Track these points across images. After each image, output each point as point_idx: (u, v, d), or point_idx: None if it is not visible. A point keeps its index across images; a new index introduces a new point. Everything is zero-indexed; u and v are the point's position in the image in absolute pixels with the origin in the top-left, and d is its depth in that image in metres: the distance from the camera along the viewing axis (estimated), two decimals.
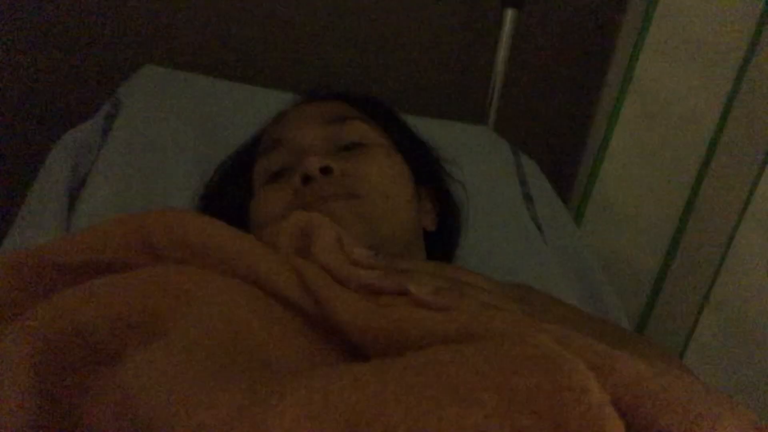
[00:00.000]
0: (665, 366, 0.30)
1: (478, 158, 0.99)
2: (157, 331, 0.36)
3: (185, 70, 0.99)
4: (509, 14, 1.02)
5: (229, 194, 0.70)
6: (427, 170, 0.69)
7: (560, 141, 1.20)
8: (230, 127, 0.88)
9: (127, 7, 1.01)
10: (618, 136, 1.10)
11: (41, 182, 0.76)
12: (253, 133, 0.74)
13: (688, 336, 1.01)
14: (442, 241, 0.70)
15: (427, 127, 0.90)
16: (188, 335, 0.34)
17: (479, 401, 0.25)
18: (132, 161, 0.82)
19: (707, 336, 0.98)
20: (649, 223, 1.11)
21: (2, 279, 0.44)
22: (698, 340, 0.98)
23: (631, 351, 0.32)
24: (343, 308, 0.38)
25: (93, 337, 0.37)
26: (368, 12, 1.07)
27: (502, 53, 1.04)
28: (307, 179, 0.56)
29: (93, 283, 0.40)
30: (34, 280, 0.45)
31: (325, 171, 0.56)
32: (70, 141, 0.84)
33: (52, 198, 0.74)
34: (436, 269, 0.46)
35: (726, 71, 0.99)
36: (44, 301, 0.38)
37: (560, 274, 0.86)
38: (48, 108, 1.04)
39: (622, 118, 1.09)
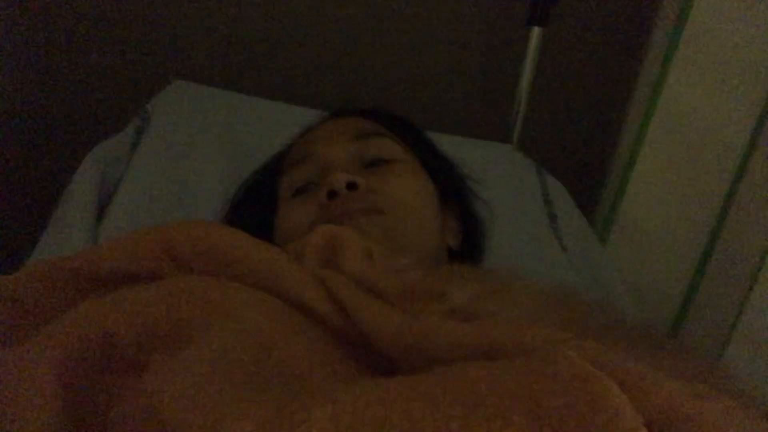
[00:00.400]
0: (704, 386, 0.30)
1: (502, 177, 0.98)
2: (183, 341, 0.36)
3: (214, 85, 1.00)
4: (535, 32, 1.02)
5: (254, 208, 0.71)
6: (452, 188, 0.69)
7: (585, 160, 1.19)
8: (257, 143, 0.89)
9: (158, 23, 1.03)
10: (645, 155, 1.09)
11: (70, 194, 0.78)
12: (279, 149, 0.74)
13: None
14: (465, 258, 0.69)
15: (452, 145, 0.90)
16: (215, 346, 0.34)
17: (509, 421, 0.24)
18: (160, 174, 0.83)
19: (735, 367, 0.95)
20: (676, 245, 1.09)
21: (32, 287, 0.45)
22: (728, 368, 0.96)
23: (670, 365, 0.31)
24: (371, 318, 0.38)
25: (120, 345, 0.37)
26: (394, 30, 1.08)
27: (528, 72, 1.04)
28: (332, 194, 0.56)
29: (120, 292, 0.41)
30: (62, 288, 0.46)
31: (351, 186, 0.56)
32: (100, 154, 0.85)
33: (80, 210, 0.75)
34: (478, 274, 0.45)
35: (756, 89, 0.98)
36: (72, 309, 0.39)
37: (586, 295, 0.85)
38: (78, 121, 1.06)
39: (649, 137, 1.08)
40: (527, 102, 1.06)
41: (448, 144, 0.88)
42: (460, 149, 0.91)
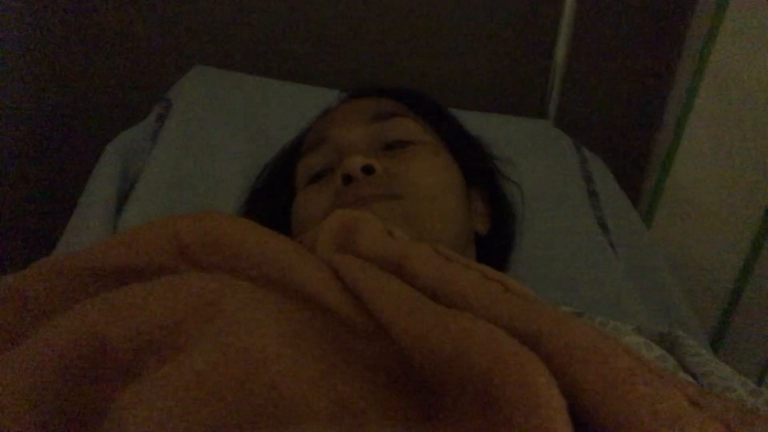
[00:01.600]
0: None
1: (538, 155, 0.93)
2: (177, 348, 0.34)
3: (235, 70, 0.98)
4: None
5: (274, 196, 0.68)
6: (479, 169, 0.65)
7: (628, 135, 1.12)
8: (281, 127, 0.86)
9: (177, 8, 1.01)
10: (692, 128, 1.02)
11: (92, 186, 0.77)
12: (298, 133, 0.71)
13: None
14: (495, 245, 0.65)
15: (484, 123, 0.85)
16: (196, 366, 0.31)
17: None
18: (181, 163, 0.82)
19: None
20: (727, 224, 1.01)
21: (38, 285, 0.44)
22: None
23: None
24: (389, 302, 0.33)
25: (113, 350, 0.35)
26: (416, 2, 1.03)
27: (563, 42, 0.98)
28: (348, 179, 0.53)
29: (117, 295, 0.38)
30: (68, 286, 0.44)
31: (368, 170, 0.53)
32: (122, 143, 0.84)
33: (101, 202, 0.74)
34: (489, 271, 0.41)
35: None
36: (66, 313, 0.37)
37: (627, 279, 0.80)
38: (100, 110, 1.05)
39: (697, 109, 1.00)
40: (563, 74, 1.00)
41: (479, 122, 0.83)
42: (492, 127, 0.87)
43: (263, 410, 0.28)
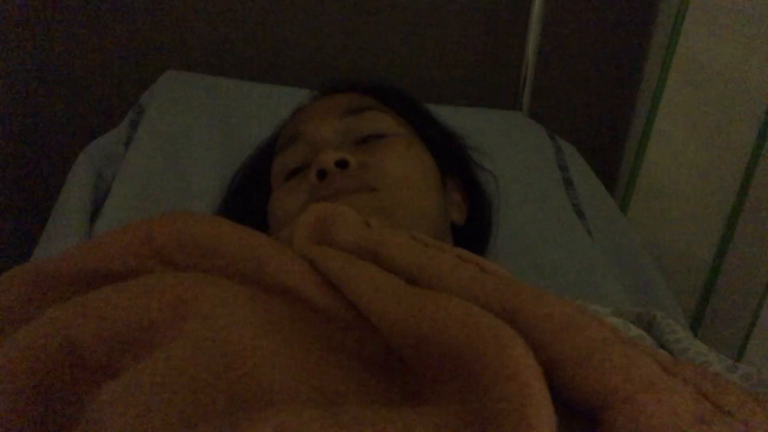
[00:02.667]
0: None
1: (513, 145, 0.94)
2: (153, 346, 0.33)
3: (207, 73, 0.97)
4: None
5: (250, 195, 0.68)
6: (453, 160, 0.65)
7: (601, 124, 1.14)
8: (255, 128, 0.86)
9: (146, 15, 1.01)
10: (663, 115, 1.03)
11: (65, 194, 0.76)
12: (271, 132, 0.71)
13: (748, 330, 0.93)
14: (472, 234, 0.66)
15: (458, 116, 0.86)
16: (173, 361, 0.30)
17: None
18: (155, 168, 0.81)
19: None
20: (701, 208, 1.03)
21: (10, 293, 0.43)
22: (760, 335, 0.91)
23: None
24: (367, 289, 0.33)
25: (88, 354, 0.34)
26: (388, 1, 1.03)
27: (534, 33, 0.99)
28: (323, 174, 0.53)
29: (88, 297, 0.38)
30: (43, 293, 0.43)
31: (342, 165, 0.53)
32: (95, 150, 0.84)
33: (75, 209, 0.73)
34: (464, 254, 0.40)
35: None
36: (39, 317, 0.36)
37: (606, 265, 0.80)
38: (73, 119, 1.04)
39: (667, 95, 1.02)
40: (535, 64, 1.01)
41: (454, 115, 0.84)
42: (466, 120, 0.87)
43: (242, 399, 0.28)
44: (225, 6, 1.01)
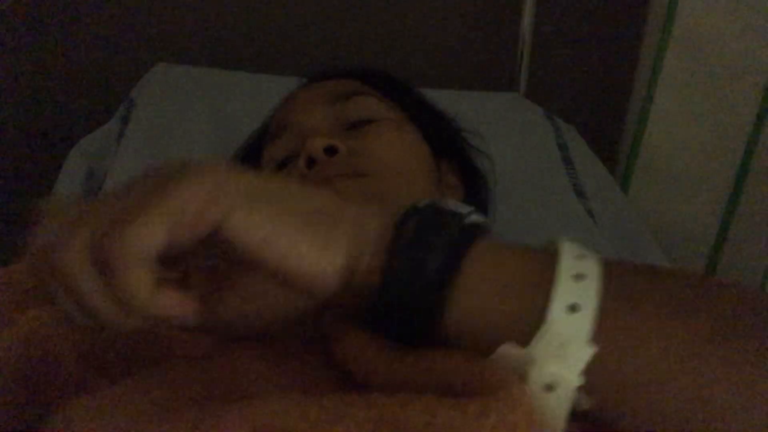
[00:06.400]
0: None
1: (511, 127, 0.93)
2: (131, 374, 0.33)
3: (197, 65, 0.96)
4: None
5: None
6: (446, 142, 0.64)
7: (599, 103, 1.12)
8: (247, 118, 0.84)
9: (133, 8, 0.99)
10: (662, 92, 1.02)
11: (58, 191, 0.75)
12: (261, 122, 0.70)
13: None
14: None
15: (455, 100, 0.84)
16: (150, 379, 0.30)
17: None
18: (147, 161, 0.80)
19: None
20: (702, 186, 1.02)
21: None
22: None
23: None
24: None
25: (65, 367, 0.34)
26: None
27: (529, 13, 0.97)
28: (312, 162, 0.52)
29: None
30: (19, 296, 0.43)
31: (331, 151, 0.51)
32: (86, 146, 0.83)
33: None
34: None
35: None
36: (14, 326, 0.36)
37: (608, 244, 0.80)
38: (62, 114, 1.03)
39: (665, 72, 1.00)
40: (531, 45, 0.99)
41: (450, 99, 0.82)
42: (463, 103, 0.86)
43: (218, 392, 0.28)
44: None
